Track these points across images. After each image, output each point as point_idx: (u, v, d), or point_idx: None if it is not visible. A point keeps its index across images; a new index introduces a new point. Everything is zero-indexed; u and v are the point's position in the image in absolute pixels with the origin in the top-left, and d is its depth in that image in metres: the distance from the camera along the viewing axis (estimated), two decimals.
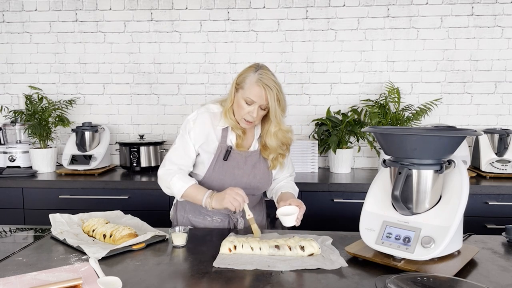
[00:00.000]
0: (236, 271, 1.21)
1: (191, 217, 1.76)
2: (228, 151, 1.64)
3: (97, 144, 2.89)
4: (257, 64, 1.61)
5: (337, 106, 2.95)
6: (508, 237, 1.46)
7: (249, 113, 1.57)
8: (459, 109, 2.91)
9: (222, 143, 1.65)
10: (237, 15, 2.93)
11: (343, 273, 1.21)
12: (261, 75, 1.55)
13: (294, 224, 1.51)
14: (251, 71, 1.58)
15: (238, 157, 1.66)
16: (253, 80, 1.55)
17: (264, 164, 1.71)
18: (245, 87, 1.57)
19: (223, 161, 1.65)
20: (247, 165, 1.68)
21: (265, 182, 1.74)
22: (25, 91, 2.96)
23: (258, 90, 1.54)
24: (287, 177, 1.83)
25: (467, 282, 1.11)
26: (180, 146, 1.66)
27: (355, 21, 2.88)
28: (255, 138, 1.72)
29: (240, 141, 1.66)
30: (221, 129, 1.66)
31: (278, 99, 1.57)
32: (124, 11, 2.98)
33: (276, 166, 1.72)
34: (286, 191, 1.72)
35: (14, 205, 2.55)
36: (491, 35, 2.83)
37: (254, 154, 1.70)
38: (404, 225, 1.26)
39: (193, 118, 1.66)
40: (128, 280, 1.15)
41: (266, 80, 1.55)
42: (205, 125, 1.65)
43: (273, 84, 1.55)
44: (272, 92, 1.54)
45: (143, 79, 3.04)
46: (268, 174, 1.73)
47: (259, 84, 1.54)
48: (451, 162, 1.26)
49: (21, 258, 1.32)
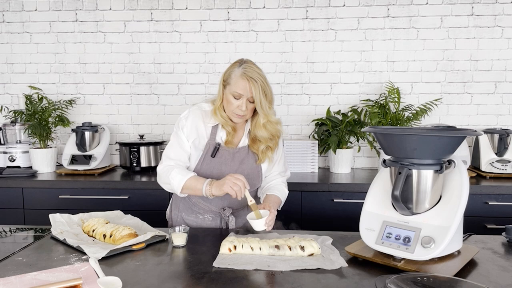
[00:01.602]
0: (236, 271, 1.21)
1: (184, 216, 1.77)
2: (216, 148, 1.66)
3: (97, 144, 2.89)
4: (241, 59, 1.64)
5: (337, 106, 2.95)
6: (508, 237, 1.46)
7: (238, 107, 1.60)
8: (459, 109, 2.91)
9: (211, 140, 1.68)
10: (237, 15, 2.93)
11: (343, 273, 1.21)
12: (245, 68, 1.58)
13: (264, 228, 1.49)
14: (235, 66, 1.61)
15: (226, 153, 1.68)
16: (237, 74, 1.58)
17: (252, 159, 1.72)
18: (231, 82, 1.60)
19: (210, 157, 1.67)
20: (234, 161, 1.69)
21: (254, 178, 1.73)
22: (25, 91, 2.97)
23: (244, 83, 1.57)
24: (277, 176, 1.82)
25: (467, 282, 1.11)
26: (175, 142, 1.69)
27: (355, 21, 2.88)
28: (244, 134, 1.73)
29: (230, 138, 1.68)
30: (211, 127, 1.68)
31: (263, 90, 1.59)
32: (124, 11, 2.98)
33: (264, 160, 1.72)
34: (272, 194, 1.72)
35: (14, 205, 2.55)
36: (491, 35, 2.83)
37: (242, 150, 1.71)
38: (404, 225, 1.26)
39: (185, 115, 1.70)
40: (128, 280, 1.15)
41: (251, 73, 1.57)
42: (197, 122, 1.68)
43: (257, 76, 1.58)
44: (257, 83, 1.57)
45: (143, 79, 3.04)
46: (257, 169, 1.73)
47: (243, 77, 1.57)
48: (451, 162, 1.26)
49: (21, 258, 1.32)
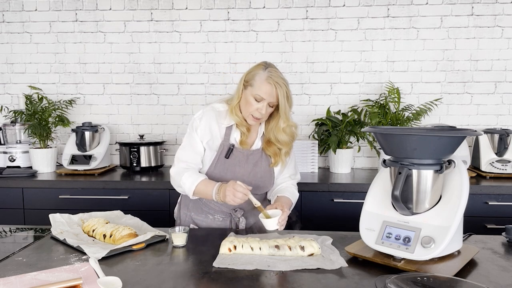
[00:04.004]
0: (236, 271, 1.21)
1: (193, 215, 1.76)
2: (230, 149, 1.66)
3: (97, 144, 2.89)
4: (265, 62, 1.64)
5: (337, 106, 2.95)
6: (508, 237, 1.46)
7: (257, 109, 1.60)
8: (459, 109, 2.91)
9: (225, 141, 1.67)
10: (237, 15, 2.93)
11: (343, 273, 1.21)
12: (270, 72, 1.58)
13: (276, 227, 1.49)
14: (260, 69, 1.60)
15: (240, 155, 1.68)
16: (263, 78, 1.58)
17: (266, 162, 1.72)
18: (254, 85, 1.59)
19: (224, 158, 1.66)
20: (249, 163, 1.69)
21: (267, 181, 1.74)
22: (25, 91, 2.96)
23: (269, 88, 1.57)
24: (287, 179, 1.81)
25: (467, 282, 1.11)
26: (187, 144, 1.69)
27: (355, 21, 2.89)
28: (258, 136, 1.72)
29: (244, 138, 1.68)
30: (225, 127, 1.68)
31: (287, 96, 1.60)
32: (124, 11, 2.98)
33: (278, 163, 1.73)
34: (283, 195, 1.72)
35: (14, 205, 2.55)
36: (491, 35, 2.83)
37: (256, 153, 1.71)
38: (404, 225, 1.26)
39: (199, 116, 1.69)
40: (128, 280, 1.15)
41: (276, 78, 1.58)
42: (211, 123, 1.67)
43: (282, 81, 1.59)
44: (282, 89, 1.58)
45: (143, 79, 3.04)
46: (269, 172, 1.74)
47: (270, 81, 1.57)
48: (451, 162, 1.26)
49: (21, 258, 1.32)
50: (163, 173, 2.79)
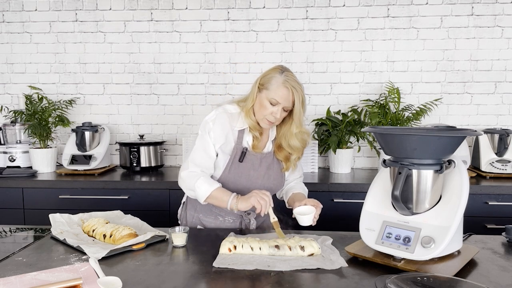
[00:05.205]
0: (236, 271, 1.21)
1: (202, 217, 1.74)
2: (244, 152, 1.64)
3: (97, 144, 2.89)
4: (281, 66, 1.62)
5: (337, 106, 2.95)
6: (508, 237, 1.46)
7: (272, 113, 1.58)
8: (459, 109, 2.91)
9: (238, 144, 1.65)
10: (237, 15, 2.93)
11: (343, 273, 1.21)
12: (287, 76, 1.57)
13: (311, 223, 1.52)
14: (276, 72, 1.58)
15: (254, 158, 1.66)
16: (279, 82, 1.56)
17: (277, 165, 1.72)
18: (270, 88, 1.57)
19: (238, 162, 1.65)
20: (262, 166, 1.68)
21: (278, 184, 1.74)
22: (25, 91, 2.96)
23: (285, 92, 1.56)
24: (298, 180, 1.84)
25: (467, 282, 1.11)
26: (200, 147, 1.64)
27: (355, 21, 2.88)
28: (269, 140, 1.72)
29: (257, 142, 1.67)
30: (238, 131, 1.65)
31: (302, 101, 1.59)
32: (124, 11, 2.98)
33: (289, 168, 1.73)
34: (298, 192, 1.73)
35: (14, 205, 2.55)
36: (491, 35, 2.83)
37: (268, 156, 1.70)
38: (404, 225, 1.26)
39: (212, 118, 1.64)
40: (128, 280, 1.15)
41: (293, 82, 1.56)
42: (224, 126, 1.63)
43: (299, 86, 1.58)
44: (298, 94, 1.57)
45: (143, 79, 3.04)
46: (281, 175, 1.74)
47: (287, 85, 1.55)
48: (451, 162, 1.26)
49: (21, 258, 1.32)
50: (163, 173, 2.79)
